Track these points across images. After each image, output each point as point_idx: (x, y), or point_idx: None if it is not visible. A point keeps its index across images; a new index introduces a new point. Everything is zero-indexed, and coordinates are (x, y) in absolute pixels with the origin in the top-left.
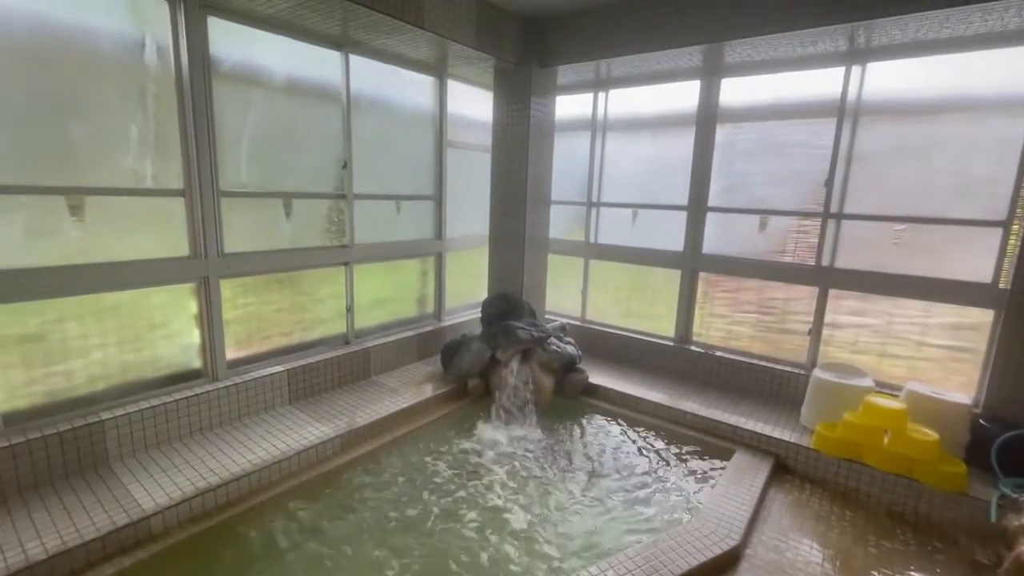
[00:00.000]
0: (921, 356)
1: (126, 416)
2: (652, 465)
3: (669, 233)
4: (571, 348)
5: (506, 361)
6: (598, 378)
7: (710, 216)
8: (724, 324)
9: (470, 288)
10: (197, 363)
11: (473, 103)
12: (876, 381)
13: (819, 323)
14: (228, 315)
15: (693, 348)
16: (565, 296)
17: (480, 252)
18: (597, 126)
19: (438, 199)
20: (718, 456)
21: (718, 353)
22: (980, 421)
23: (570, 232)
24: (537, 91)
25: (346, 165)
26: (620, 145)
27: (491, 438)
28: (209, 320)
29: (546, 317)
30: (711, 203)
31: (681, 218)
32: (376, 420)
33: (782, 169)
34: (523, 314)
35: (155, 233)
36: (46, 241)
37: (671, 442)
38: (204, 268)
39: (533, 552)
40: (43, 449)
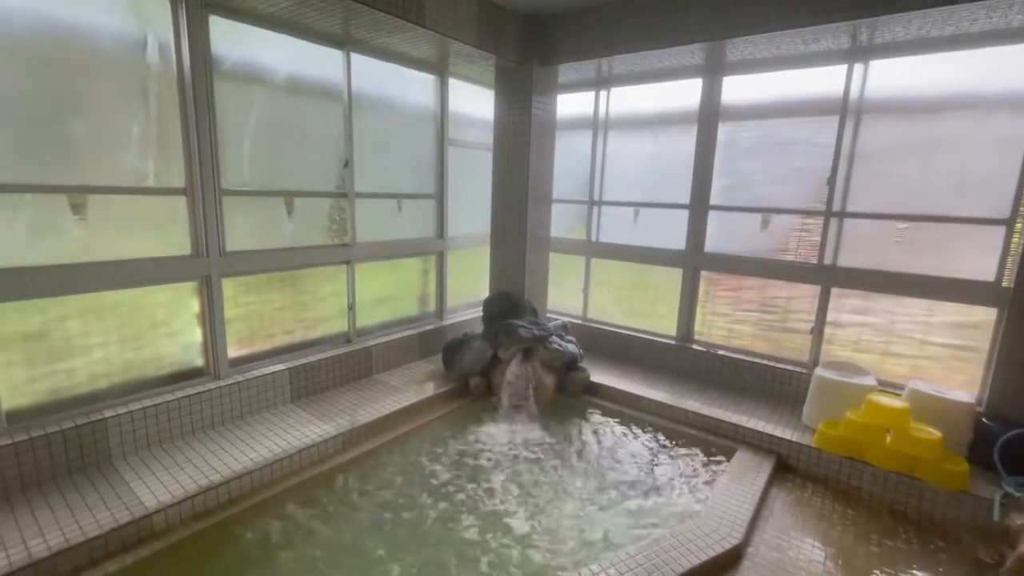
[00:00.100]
0: (924, 355)
1: (128, 414)
2: (653, 463)
3: (671, 231)
4: (573, 347)
5: (508, 360)
6: (600, 377)
7: (712, 214)
8: (726, 323)
9: (472, 287)
10: (199, 361)
11: (474, 101)
12: (878, 380)
13: (821, 322)
14: (230, 313)
15: (695, 347)
16: (567, 295)
17: (482, 251)
18: (598, 124)
19: (439, 198)
20: (720, 455)
21: (720, 352)
22: (983, 420)
23: (571, 231)
24: (538, 89)
25: (347, 164)
26: (621, 143)
27: (493, 436)
28: (211, 318)
29: (547, 316)
30: (713, 201)
31: (683, 216)
32: (378, 418)
33: (784, 167)
34: (524, 313)
35: (157, 232)
36: (48, 239)
37: (673, 441)
38: (206, 267)
39: (533, 551)
40: (46, 447)
